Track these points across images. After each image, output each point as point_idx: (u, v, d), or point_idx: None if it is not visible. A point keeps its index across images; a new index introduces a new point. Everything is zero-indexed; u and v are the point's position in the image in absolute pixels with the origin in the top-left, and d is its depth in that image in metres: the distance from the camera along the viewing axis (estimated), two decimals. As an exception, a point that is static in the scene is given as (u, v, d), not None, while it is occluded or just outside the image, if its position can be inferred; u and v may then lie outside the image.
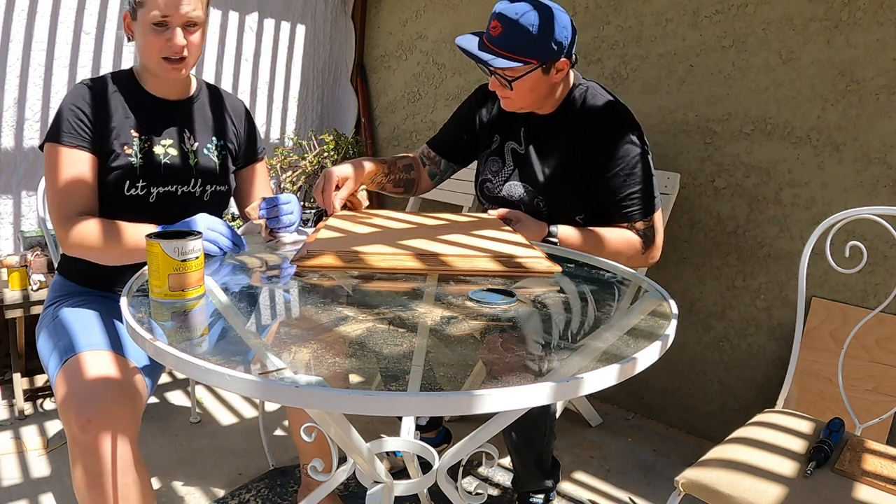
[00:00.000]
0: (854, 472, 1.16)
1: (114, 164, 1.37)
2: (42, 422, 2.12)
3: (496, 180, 1.72)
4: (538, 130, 1.67)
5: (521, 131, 1.69)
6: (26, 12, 2.27)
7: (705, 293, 2.18)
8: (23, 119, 2.34)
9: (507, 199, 1.69)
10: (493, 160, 1.74)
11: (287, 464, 1.94)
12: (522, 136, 1.69)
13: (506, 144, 1.72)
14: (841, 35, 1.81)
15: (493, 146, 1.75)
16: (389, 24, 3.17)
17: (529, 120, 1.68)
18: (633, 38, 2.25)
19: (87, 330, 1.31)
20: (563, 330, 0.97)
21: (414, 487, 1.16)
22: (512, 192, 1.68)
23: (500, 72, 1.50)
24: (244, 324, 0.94)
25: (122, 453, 1.15)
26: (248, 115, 1.63)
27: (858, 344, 1.81)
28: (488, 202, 1.76)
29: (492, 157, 1.75)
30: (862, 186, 1.82)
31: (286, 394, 0.70)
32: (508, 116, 1.72)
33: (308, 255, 1.14)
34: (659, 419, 2.34)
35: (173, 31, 1.32)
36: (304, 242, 1.25)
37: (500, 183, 1.71)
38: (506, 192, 1.69)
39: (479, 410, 0.69)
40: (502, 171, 1.72)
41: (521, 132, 1.69)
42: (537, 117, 1.67)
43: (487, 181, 1.74)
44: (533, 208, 1.65)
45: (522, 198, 1.66)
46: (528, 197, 1.65)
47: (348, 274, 1.13)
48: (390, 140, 3.26)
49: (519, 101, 1.57)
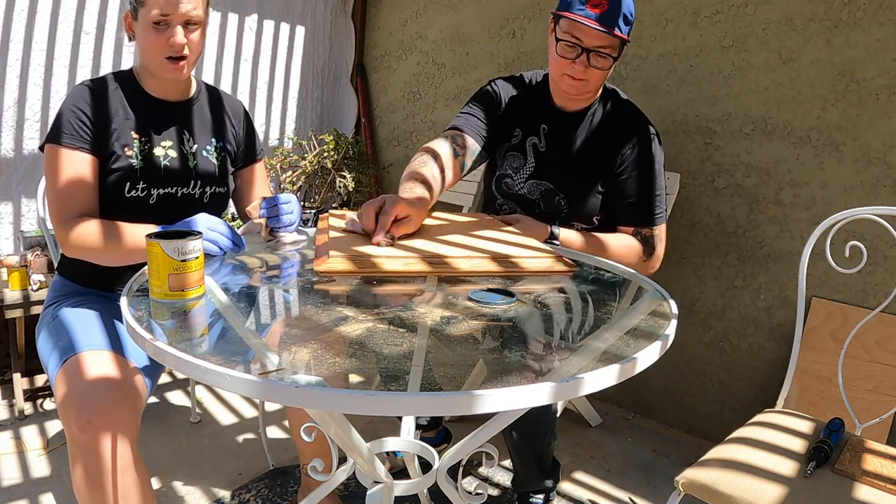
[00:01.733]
0: (854, 472, 1.16)
1: (114, 165, 1.37)
2: (42, 422, 2.12)
3: (517, 177, 1.69)
4: (561, 127, 1.65)
5: (542, 129, 1.66)
6: (26, 12, 2.27)
7: (705, 293, 2.17)
8: (23, 119, 2.34)
9: (527, 196, 1.67)
10: (512, 155, 1.70)
11: (287, 464, 1.94)
12: (543, 132, 1.66)
13: (527, 140, 1.68)
14: (841, 35, 1.81)
15: (514, 141, 1.70)
16: (389, 24, 3.17)
17: (551, 116, 1.65)
18: (634, 38, 2.25)
19: (87, 330, 1.31)
20: (563, 330, 0.97)
21: (414, 487, 1.16)
22: (533, 190, 1.66)
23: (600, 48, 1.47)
24: (244, 324, 0.94)
25: (121, 453, 1.15)
26: (247, 116, 1.63)
27: (858, 344, 1.81)
28: (506, 199, 1.73)
29: (511, 153, 1.71)
30: (862, 186, 1.82)
31: (286, 394, 0.70)
32: (529, 111, 1.69)
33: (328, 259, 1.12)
34: (659, 419, 2.34)
35: (173, 30, 1.33)
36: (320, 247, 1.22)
37: (522, 180, 1.68)
38: (527, 189, 1.67)
39: (479, 410, 0.69)
40: (524, 168, 1.68)
41: (541, 129, 1.67)
42: (559, 114, 1.65)
43: (507, 177, 1.71)
44: (554, 206, 1.64)
45: (544, 195, 1.64)
46: (550, 195, 1.64)
47: (365, 279, 1.13)
48: (390, 140, 3.26)
49: (595, 83, 1.54)
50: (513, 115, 1.70)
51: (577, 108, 1.63)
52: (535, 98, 1.70)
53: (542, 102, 1.69)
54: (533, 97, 1.70)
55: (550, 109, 1.66)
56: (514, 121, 1.70)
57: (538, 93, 1.70)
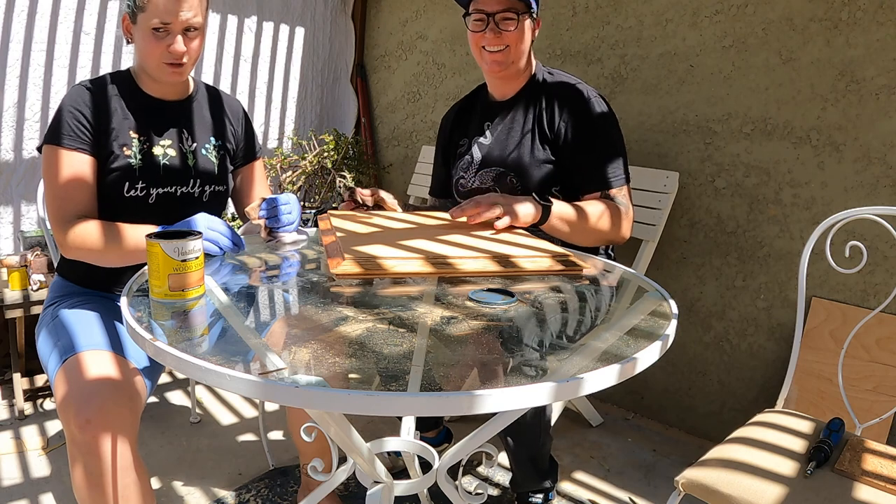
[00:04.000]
0: (854, 472, 1.16)
1: (113, 165, 1.37)
2: (42, 422, 2.12)
3: (468, 174, 1.76)
4: (500, 114, 1.72)
5: (486, 125, 1.75)
6: (26, 13, 2.27)
7: (705, 293, 2.18)
8: (22, 119, 2.34)
9: (481, 187, 1.72)
10: (462, 160, 1.79)
11: (287, 464, 1.94)
12: (487, 128, 1.75)
13: (473, 141, 1.77)
14: (841, 35, 1.81)
15: (462, 149, 1.81)
16: (389, 24, 3.17)
17: (491, 111, 1.74)
18: (633, 38, 2.25)
19: (86, 330, 1.30)
20: (563, 330, 0.97)
21: (414, 487, 1.16)
22: (484, 178, 1.71)
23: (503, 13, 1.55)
24: (244, 324, 0.94)
25: (121, 453, 1.15)
26: (246, 115, 1.63)
27: (858, 344, 1.81)
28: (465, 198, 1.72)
29: (461, 158, 1.79)
30: (862, 186, 1.82)
31: (286, 394, 0.70)
32: (470, 118, 1.80)
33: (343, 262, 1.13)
34: (659, 419, 2.34)
35: (174, 38, 1.32)
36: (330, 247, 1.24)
37: (472, 175, 1.74)
38: (479, 181, 1.72)
39: (479, 410, 0.69)
40: (472, 165, 1.75)
41: (485, 127, 1.75)
42: (498, 105, 1.73)
43: (460, 178, 1.78)
44: (507, 186, 1.67)
45: (496, 179, 1.69)
46: (502, 177, 1.68)
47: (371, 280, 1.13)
48: (390, 140, 3.26)
49: (516, 50, 1.60)
50: (458, 130, 1.84)
51: (512, 91, 1.71)
52: (475, 103, 1.84)
53: (480, 103, 1.81)
54: (472, 103, 1.84)
55: (490, 106, 1.76)
56: (459, 134, 1.83)
57: (476, 96, 1.84)
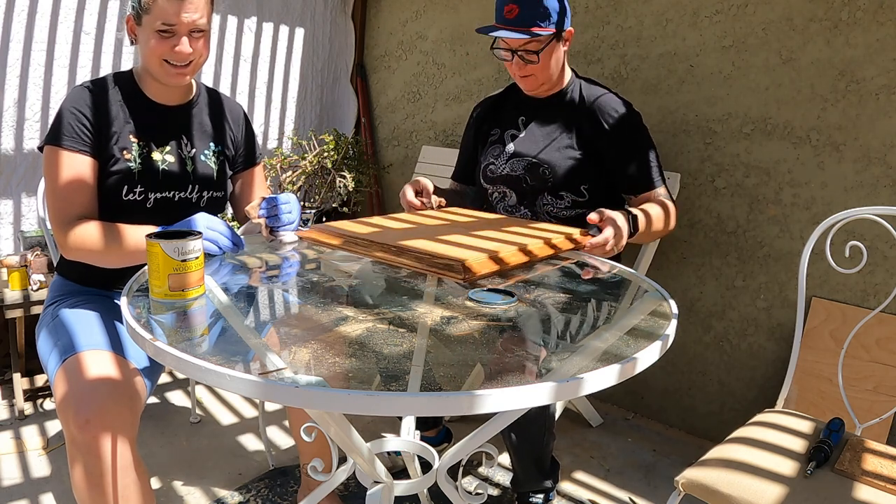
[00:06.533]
0: (854, 472, 1.16)
1: (113, 168, 1.37)
2: (42, 422, 2.12)
3: (498, 161, 1.79)
4: (538, 111, 1.77)
5: (521, 120, 1.79)
6: (26, 12, 2.27)
7: (705, 293, 2.17)
8: (23, 119, 2.34)
9: (511, 174, 1.76)
10: (493, 147, 1.82)
11: (287, 464, 1.94)
12: (521, 122, 1.79)
13: (505, 132, 1.81)
14: (841, 35, 1.81)
15: (493, 137, 1.84)
16: (389, 24, 3.17)
17: (527, 106, 1.78)
18: (633, 38, 2.25)
19: (86, 330, 1.30)
20: (563, 330, 0.97)
21: (414, 487, 1.16)
22: (516, 166, 1.75)
23: (524, 48, 1.61)
24: (244, 324, 0.94)
25: (121, 453, 1.15)
26: (247, 120, 1.63)
27: (858, 344, 1.81)
28: (493, 184, 1.82)
29: (492, 146, 1.83)
30: (862, 186, 1.82)
31: (286, 394, 0.70)
32: (505, 110, 1.83)
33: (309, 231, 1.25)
34: (659, 419, 2.34)
35: (179, 39, 1.32)
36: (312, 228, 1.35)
37: (503, 163, 1.78)
38: (510, 168, 1.76)
39: (479, 410, 0.69)
40: (503, 153, 1.79)
41: (519, 121, 1.79)
42: (535, 101, 1.77)
43: (490, 164, 1.81)
44: (539, 177, 1.71)
45: (527, 169, 1.73)
46: (534, 168, 1.72)
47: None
48: (390, 140, 3.26)
49: (543, 75, 1.67)
50: (488, 121, 1.89)
51: (549, 93, 1.76)
52: (511, 97, 1.86)
53: (517, 98, 1.84)
54: (508, 97, 1.87)
55: (526, 101, 1.80)
56: (490, 123, 1.87)
57: (513, 91, 1.86)
